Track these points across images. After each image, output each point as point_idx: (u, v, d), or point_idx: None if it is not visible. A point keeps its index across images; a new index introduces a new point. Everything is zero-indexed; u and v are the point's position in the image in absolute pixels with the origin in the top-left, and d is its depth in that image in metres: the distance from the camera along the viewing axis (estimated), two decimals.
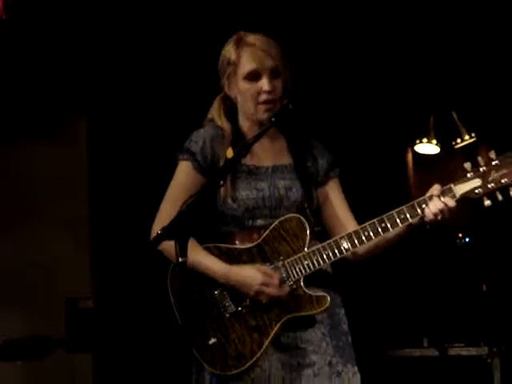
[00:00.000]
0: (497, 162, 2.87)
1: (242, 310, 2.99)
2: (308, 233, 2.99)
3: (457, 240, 6.40)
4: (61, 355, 5.46)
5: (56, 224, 5.55)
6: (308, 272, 2.96)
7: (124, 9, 5.19)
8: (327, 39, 5.61)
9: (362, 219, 3.01)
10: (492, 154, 2.89)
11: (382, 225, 2.93)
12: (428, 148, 7.15)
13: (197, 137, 3.12)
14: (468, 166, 2.90)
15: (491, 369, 5.43)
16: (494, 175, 2.87)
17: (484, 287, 6.19)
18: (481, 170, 2.88)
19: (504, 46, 5.73)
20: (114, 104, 5.79)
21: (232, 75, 3.09)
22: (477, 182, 2.88)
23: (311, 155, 3.17)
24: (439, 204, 2.87)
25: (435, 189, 2.91)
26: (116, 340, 5.63)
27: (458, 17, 5.52)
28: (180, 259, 2.57)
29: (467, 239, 6.40)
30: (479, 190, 2.88)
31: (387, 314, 6.24)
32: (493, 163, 2.88)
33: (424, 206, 2.90)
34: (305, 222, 2.99)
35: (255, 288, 2.93)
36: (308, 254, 2.96)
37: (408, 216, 2.91)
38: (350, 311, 3.14)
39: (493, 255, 6.48)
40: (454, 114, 6.84)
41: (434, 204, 2.88)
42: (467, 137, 6.83)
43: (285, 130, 3.17)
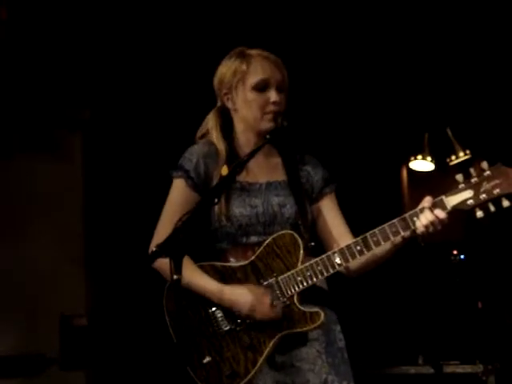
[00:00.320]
0: (488, 173, 2.82)
1: (237, 329, 2.97)
2: (301, 249, 2.97)
3: (452, 257, 6.40)
4: (55, 373, 5.44)
5: (50, 240, 5.54)
6: (301, 288, 2.95)
7: (118, 24, 5.20)
8: (323, 54, 5.63)
9: (357, 235, 2.99)
10: (484, 165, 2.84)
11: (374, 239, 2.91)
12: (423, 165, 7.16)
13: (190, 154, 3.11)
14: (460, 178, 2.86)
15: None
16: (486, 186, 2.82)
17: (479, 304, 6.19)
18: (472, 181, 2.84)
19: (498, 64, 5.75)
20: (109, 119, 5.79)
21: (237, 86, 3.09)
22: (468, 194, 2.84)
23: (306, 171, 3.16)
24: (430, 216, 2.85)
25: (426, 201, 2.88)
26: (110, 358, 5.61)
27: (452, 35, 5.54)
28: (174, 277, 2.56)
29: (462, 256, 6.40)
30: (471, 202, 2.83)
31: (383, 332, 6.23)
32: (485, 174, 2.83)
33: (415, 219, 2.87)
34: (298, 239, 2.98)
35: (246, 310, 2.93)
36: (301, 270, 2.95)
37: (400, 229, 2.89)
38: (346, 328, 3.12)
39: (488, 272, 6.47)
40: (449, 131, 6.85)
41: (425, 216, 2.85)
42: (462, 154, 6.83)
43: (279, 147, 3.17)
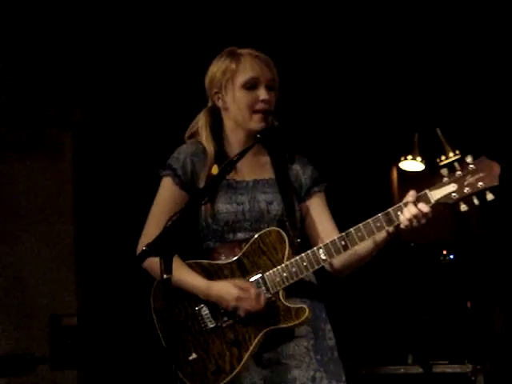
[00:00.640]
0: (472, 167, 2.81)
1: (222, 325, 2.98)
2: (287, 245, 2.97)
3: (441, 257, 6.41)
4: (45, 372, 5.44)
5: (40, 241, 5.53)
6: (287, 284, 2.95)
7: (108, 25, 5.20)
8: (314, 54, 5.65)
9: None
10: (468, 159, 2.83)
11: (359, 234, 2.91)
12: (413, 165, 7.16)
13: (178, 153, 3.13)
14: (444, 172, 2.85)
15: None
16: (470, 179, 2.81)
17: (468, 304, 6.20)
18: (456, 175, 2.83)
19: (488, 64, 5.77)
20: (100, 120, 5.79)
21: (227, 84, 3.10)
22: (452, 187, 2.83)
23: (295, 170, 3.17)
24: (413, 210, 2.85)
25: (410, 195, 2.88)
26: (100, 357, 5.61)
27: (442, 35, 5.56)
28: (165, 276, 2.56)
29: (452, 256, 6.41)
30: (455, 195, 2.83)
31: (371, 331, 6.23)
32: (469, 168, 2.81)
33: (399, 213, 2.87)
34: (284, 235, 2.98)
35: (231, 303, 2.93)
36: (287, 266, 2.95)
37: (384, 223, 2.89)
38: (335, 328, 3.13)
39: (477, 272, 6.49)
40: (439, 131, 6.86)
41: (409, 210, 2.85)
42: (452, 154, 6.84)
43: (269, 146, 3.18)
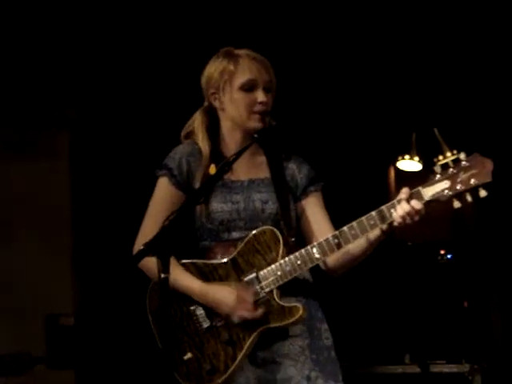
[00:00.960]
0: (465, 163, 2.80)
1: (217, 325, 2.98)
2: (282, 244, 2.96)
3: (439, 257, 6.42)
4: (42, 371, 5.43)
5: (37, 240, 5.53)
6: (281, 282, 2.94)
7: (104, 24, 5.19)
8: (311, 54, 5.64)
9: None
10: (461, 156, 2.82)
11: (352, 232, 2.91)
12: (410, 165, 7.16)
13: (174, 153, 3.13)
14: (438, 169, 2.84)
15: None
16: (463, 176, 2.79)
17: (465, 304, 6.20)
18: (449, 172, 2.82)
19: (486, 64, 5.76)
20: (96, 118, 5.78)
21: (225, 85, 3.08)
22: (445, 184, 2.81)
23: (291, 170, 3.16)
24: (406, 207, 2.84)
25: (403, 192, 2.87)
26: (96, 357, 5.60)
27: (440, 35, 5.55)
28: (162, 275, 2.56)
29: (449, 256, 6.41)
30: (448, 192, 2.81)
31: (369, 331, 6.23)
32: (461, 164, 2.81)
33: (392, 211, 2.86)
34: (279, 234, 2.97)
35: (226, 310, 2.93)
36: (280, 265, 2.95)
37: (377, 221, 2.88)
38: (332, 327, 3.12)
39: (474, 272, 6.49)
40: (437, 131, 6.84)
41: (402, 207, 2.84)
42: (449, 154, 6.79)
43: (266, 146, 3.18)
